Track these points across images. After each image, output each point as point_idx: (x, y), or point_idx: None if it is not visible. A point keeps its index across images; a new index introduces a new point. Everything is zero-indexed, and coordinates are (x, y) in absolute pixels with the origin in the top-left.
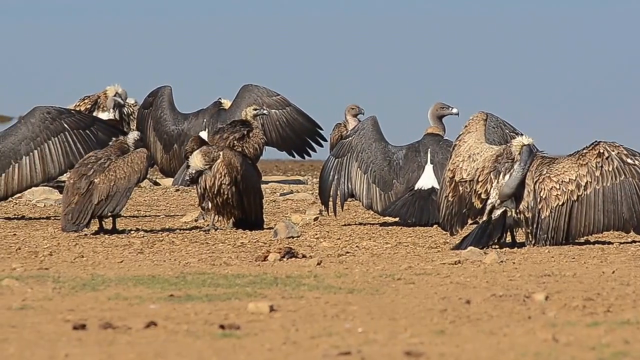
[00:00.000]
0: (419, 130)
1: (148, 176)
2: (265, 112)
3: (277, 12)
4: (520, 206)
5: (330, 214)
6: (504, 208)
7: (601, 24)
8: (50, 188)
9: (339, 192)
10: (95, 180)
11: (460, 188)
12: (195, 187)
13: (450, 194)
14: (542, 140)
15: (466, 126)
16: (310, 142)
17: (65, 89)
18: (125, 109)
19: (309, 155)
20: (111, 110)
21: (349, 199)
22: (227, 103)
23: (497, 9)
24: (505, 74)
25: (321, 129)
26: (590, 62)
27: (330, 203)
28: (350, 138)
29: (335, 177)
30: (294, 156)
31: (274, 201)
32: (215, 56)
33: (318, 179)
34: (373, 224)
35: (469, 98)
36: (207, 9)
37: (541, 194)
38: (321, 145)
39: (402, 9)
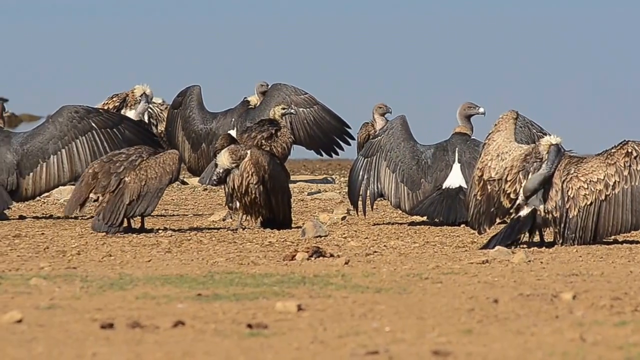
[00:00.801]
0: (447, 130)
1: None
2: (293, 111)
3: (306, 11)
4: (548, 205)
5: (359, 215)
6: (533, 207)
7: (632, 23)
8: None
9: (368, 192)
10: (126, 179)
11: (489, 187)
12: (223, 186)
13: (479, 193)
14: (570, 139)
15: (496, 125)
16: (338, 140)
17: (93, 87)
18: (150, 108)
19: (337, 154)
20: (139, 113)
21: (377, 199)
22: (253, 99)
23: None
24: (533, 74)
25: (349, 128)
26: (620, 62)
27: (360, 203)
28: (379, 137)
29: (365, 176)
30: (321, 155)
31: (301, 200)
32: (244, 55)
33: (345, 178)
34: (401, 223)
35: (497, 98)
36: (237, 9)
37: (569, 193)
38: (349, 144)
39: (432, 9)
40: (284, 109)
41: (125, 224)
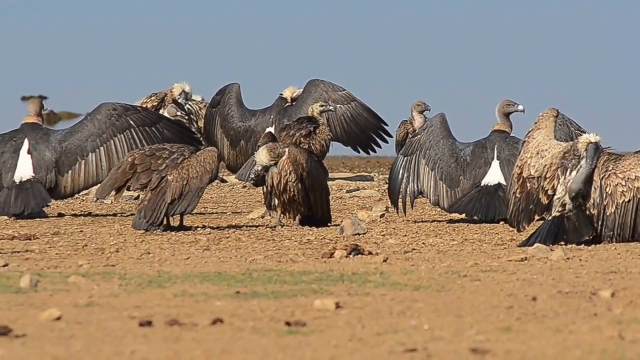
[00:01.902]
0: (486, 127)
1: None
2: (332, 108)
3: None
4: (587, 203)
5: (399, 213)
6: (577, 203)
7: None
8: None
9: (408, 191)
10: (169, 178)
11: (528, 184)
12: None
13: (518, 190)
14: (609, 137)
15: (536, 122)
16: (375, 137)
17: (132, 85)
18: (188, 106)
19: (374, 151)
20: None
21: (417, 197)
22: (287, 92)
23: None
24: (573, 72)
25: (386, 125)
26: None
27: (400, 202)
28: (419, 136)
29: (405, 175)
30: (358, 152)
31: (340, 198)
32: (283, 52)
33: (384, 176)
34: (439, 221)
35: (536, 95)
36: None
37: (607, 190)
38: (386, 141)
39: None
40: (322, 105)
41: (164, 222)
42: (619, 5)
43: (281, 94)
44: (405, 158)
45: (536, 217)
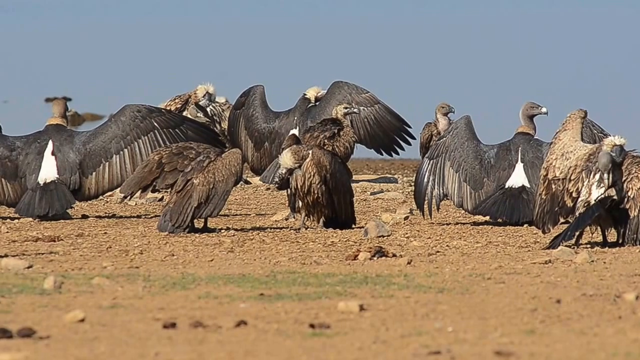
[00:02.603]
0: (510, 130)
1: None
2: (356, 110)
3: (369, 11)
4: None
5: (426, 217)
6: (604, 195)
7: None
8: None
9: (434, 194)
10: (195, 181)
11: (553, 186)
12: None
13: (544, 192)
14: (634, 140)
15: (563, 124)
16: (398, 140)
17: (156, 87)
18: (211, 107)
19: (397, 153)
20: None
21: (443, 199)
22: (311, 92)
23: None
24: (598, 74)
25: (409, 127)
26: None
27: (426, 206)
28: (444, 138)
29: (431, 178)
30: (381, 154)
31: (364, 200)
32: (307, 54)
33: (408, 178)
34: (464, 223)
35: (560, 98)
36: (299, 9)
37: (629, 194)
38: (409, 144)
39: (495, 8)
40: (346, 108)
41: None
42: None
43: (305, 94)
44: (431, 161)
45: (561, 220)
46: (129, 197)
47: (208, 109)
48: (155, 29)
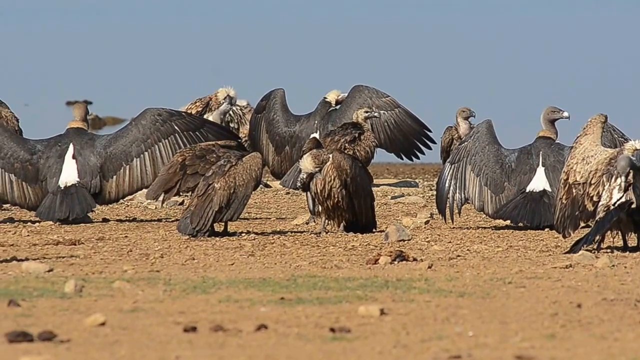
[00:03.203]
0: (531, 134)
1: None
2: (377, 114)
3: (389, 14)
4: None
5: (447, 222)
6: (624, 199)
7: None
8: None
9: (456, 198)
10: (216, 185)
11: (574, 190)
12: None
13: (564, 197)
14: None
15: (584, 128)
16: (419, 144)
17: (177, 90)
18: (232, 111)
19: (417, 157)
20: (221, 114)
21: (464, 204)
22: (332, 96)
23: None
24: (619, 79)
25: (430, 131)
26: None
27: (447, 210)
28: (465, 143)
29: (452, 183)
30: (402, 158)
31: (385, 204)
32: (328, 58)
33: (429, 182)
34: (484, 227)
35: (581, 102)
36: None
37: None
38: (429, 148)
39: (515, 12)
40: (367, 112)
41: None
42: None
43: (325, 98)
44: (453, 165)
45: (582, 224)
46: (157, 200)
47: (230, 112)
48: (176, 32)
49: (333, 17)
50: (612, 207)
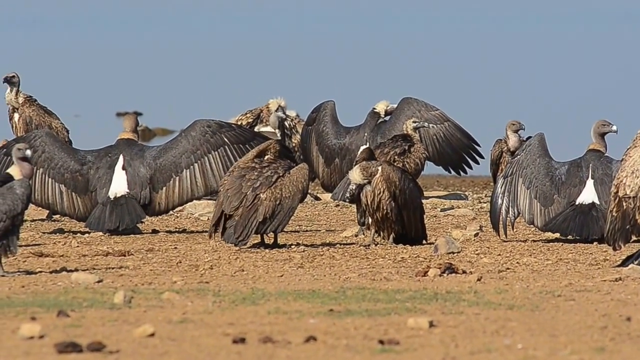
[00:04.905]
0: (582, 147)
1: (309, 191)
2: (426, 124)
3: (438, 27)
4: None
5: (500, 236)
6: None
7: None
8: (213, 201)
9: (510, 212)
10: (262, 196)
11: (624, 204)
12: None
13: (615, 209)
14: None
15: (634, 140)
16: (467, 158)
17: (227, 102)
18: (287, 122)
19: (465, 172)
20: (276, 128)
21: (517, 217)
22: (381, 106)
23: None
24: None
25: (479, 146)
26: None
27: (500, 225)
28: (518, 156)
29: (505, 196)
30: (450, 172)
31: (434, 216)
32: (377, 70)
33: (478, 195)
34: (534, 240)
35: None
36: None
37: None
38: (477, 163)
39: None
40: (415, 122)
41: (258, 239)
42: None
43: (374, 108)
44: (506, 179)
45: (633, 237)
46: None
47: (285, 124)
48: (226, 44)
49: (382, 30)
50: None
